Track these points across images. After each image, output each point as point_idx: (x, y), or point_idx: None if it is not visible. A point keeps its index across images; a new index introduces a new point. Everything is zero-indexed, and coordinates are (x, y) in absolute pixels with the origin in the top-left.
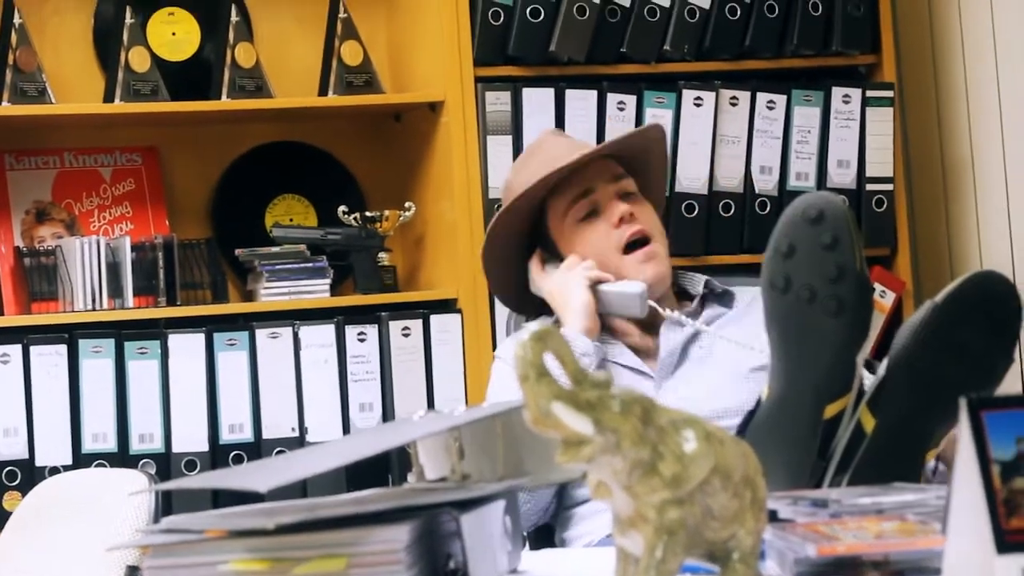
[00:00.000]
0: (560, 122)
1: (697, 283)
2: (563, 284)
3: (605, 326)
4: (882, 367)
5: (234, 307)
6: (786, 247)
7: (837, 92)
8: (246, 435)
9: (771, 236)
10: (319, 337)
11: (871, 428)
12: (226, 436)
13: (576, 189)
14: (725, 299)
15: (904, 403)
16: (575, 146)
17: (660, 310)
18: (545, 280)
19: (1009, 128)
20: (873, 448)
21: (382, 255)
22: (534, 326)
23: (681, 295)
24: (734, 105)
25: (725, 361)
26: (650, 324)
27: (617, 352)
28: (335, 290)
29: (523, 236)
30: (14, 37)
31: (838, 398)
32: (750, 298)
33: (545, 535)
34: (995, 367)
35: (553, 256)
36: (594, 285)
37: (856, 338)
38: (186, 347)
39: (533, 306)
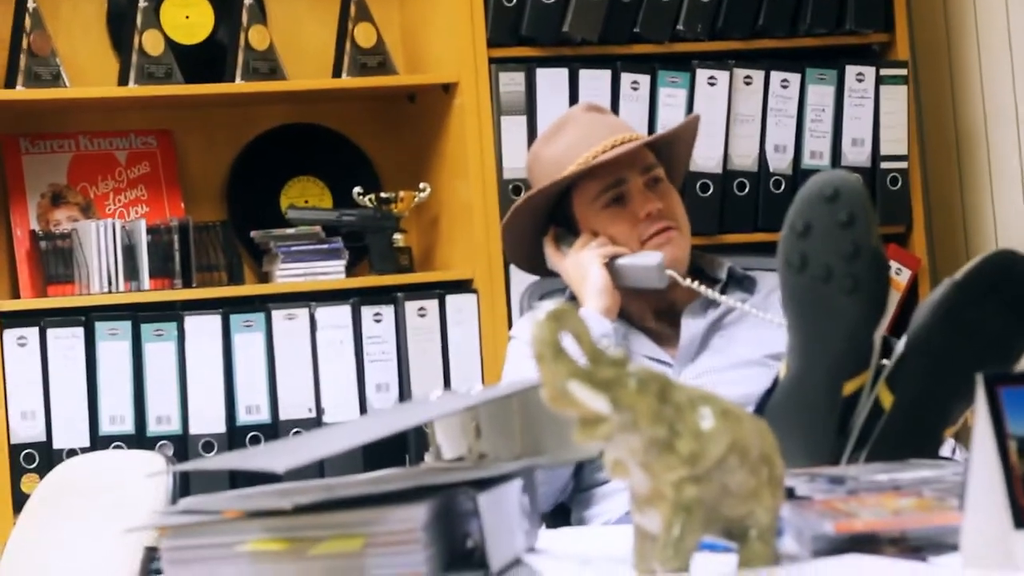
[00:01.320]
0: (574, 102)
1: (720, 268)
2: (578, 263)
3: (622, 313)
4: (900, 344)
5: (250, 289)
6: (802, 225)
7: (851, 70)
8: (263, 416)
9: (787, 214)
10: (335, 318)
11: (889, 405)
12: (243, 417)
13: (607, 177)
14: (747, 285)
15: (922, 380)
16: (611, 126)
17: (680, 280)
18: (560, 260)
19: (1023, 104)
20: (891, 425)
21: (397, 236)
22: (549, 304)
23: (699, 277)
24: (748, 84)
25: (746, 349)
26: (668, 310)
27: (635, 341)
28: (351, 271)
29: (544, 211)
30: (28, 21)
31: (856, 376)
32: (772, 284)
33: (561, 515)
34: (1013, 345)
35: (568, 232)
36: (611, 260)
37: (872, 316)
38: (202, 329)
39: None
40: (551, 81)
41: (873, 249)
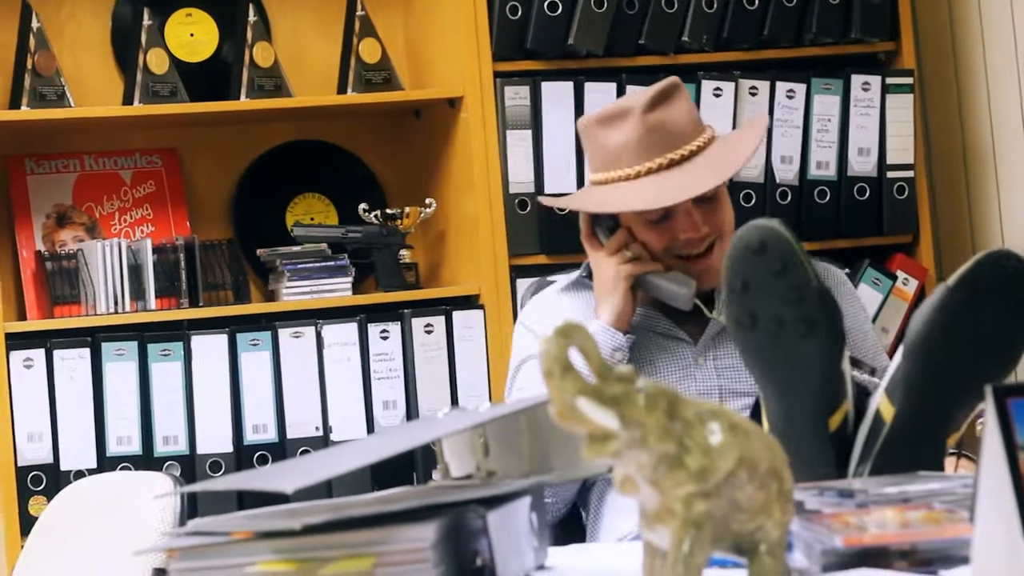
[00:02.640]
0: (580, 116)
1: None
2: (608, 271)
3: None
4: (898, 355)
5: (256, 307)
6: (740, 284)
7: (857, 80)
8: (270, 435)
9: (723, 277)
10: (342, 336)
11: (890, 417)
12: (250, 437)
13: None
14: None
15: (922, 389)
16: (670, 136)
17: (706, 311)
18: (594, 249)
19: None
20: (893, 436)
21: (404, 252)
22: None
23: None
24: (753, 95)
25: None
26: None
27: (651, 319)
28: (357, 288)
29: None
30: (32, 41)
31: (837, 409)
32: None
33: (572, 532)
34: (1012, 346)
35: (608, 217)
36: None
37: (835, 350)
38: (209, 348)
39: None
40: (556, 94)
41: (815, 288)
